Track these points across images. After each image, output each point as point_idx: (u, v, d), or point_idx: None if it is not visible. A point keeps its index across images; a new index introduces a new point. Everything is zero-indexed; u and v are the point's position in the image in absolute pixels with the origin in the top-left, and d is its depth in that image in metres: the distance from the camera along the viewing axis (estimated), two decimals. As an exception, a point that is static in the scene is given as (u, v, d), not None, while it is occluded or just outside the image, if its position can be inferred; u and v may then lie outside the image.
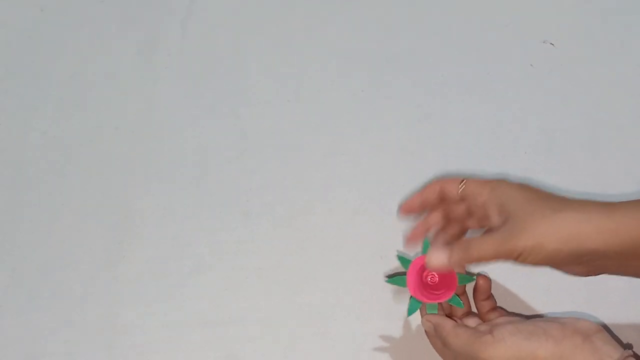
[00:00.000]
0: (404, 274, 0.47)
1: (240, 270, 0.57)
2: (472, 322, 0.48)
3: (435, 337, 0.46)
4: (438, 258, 0.43)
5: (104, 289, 0.56)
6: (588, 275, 0.43)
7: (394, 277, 0.49)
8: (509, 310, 0.51)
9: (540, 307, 0.53)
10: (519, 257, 0.40)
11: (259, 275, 0.56)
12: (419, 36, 0.69)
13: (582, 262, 0.41)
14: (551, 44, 0.67)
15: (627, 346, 0.40)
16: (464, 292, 0.50)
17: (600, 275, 0.44)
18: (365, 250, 0.57)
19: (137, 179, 0.62)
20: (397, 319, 0.54)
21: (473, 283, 0.48)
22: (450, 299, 0.46)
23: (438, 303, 0.47)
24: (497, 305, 0.49)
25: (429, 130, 0.63)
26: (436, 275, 0.46)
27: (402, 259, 0.48)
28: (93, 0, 0.74)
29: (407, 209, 0.49)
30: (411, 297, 0.47)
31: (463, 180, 0.46)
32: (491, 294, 0.48)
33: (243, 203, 0.60)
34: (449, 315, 0.49)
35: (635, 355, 0.39)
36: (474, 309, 0.50)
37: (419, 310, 0.49)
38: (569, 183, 0.59)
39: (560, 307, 0.53)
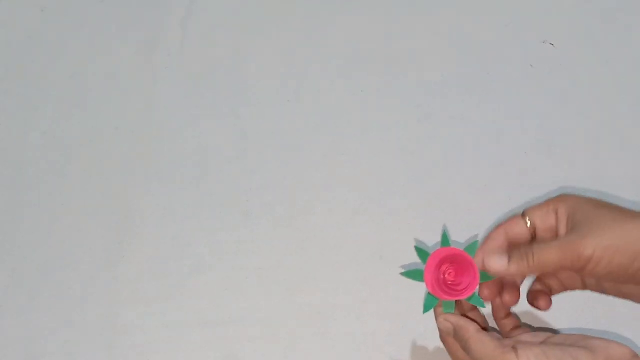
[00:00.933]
0: (421, 267, 0.43)
1: (240, 270, 0.56)
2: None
3: (454, 340, 0.42)
4: (497, 264, 0.39)
5: (104, 289, 0.56)
6: None
7: (410, 271, 0.44)
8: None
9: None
10: (588, 264, 0.36)
11: (259, 275, 0.56)
12: (419, 36, 0.69)
13: None
14: (551, 44, 0.67)
15: None
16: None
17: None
18: (365, 250, 0.57)
19: (137, 179, 0.62)
20: (397, 319, 0.53)
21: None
22: (470, 296, 0.42)
23: (455, 302, 0.43)
24: (521, 323, 0.45)
25: (429, 130, 0.63)
26: (454, 271, 0.42)
27: (420, 251, 0.44)
28: (93, 0, 0.74)
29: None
30: (427, 293, 0.43)
31: (524, 214, 0.42)
32: (511, 312, 0.44)
33: (243, 203, 0.60)
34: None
35: None
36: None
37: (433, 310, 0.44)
38: (569, 183, 0.59)
39: (558, 310, 0.53)
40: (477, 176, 0.60)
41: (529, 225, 0.41)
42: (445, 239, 0.44)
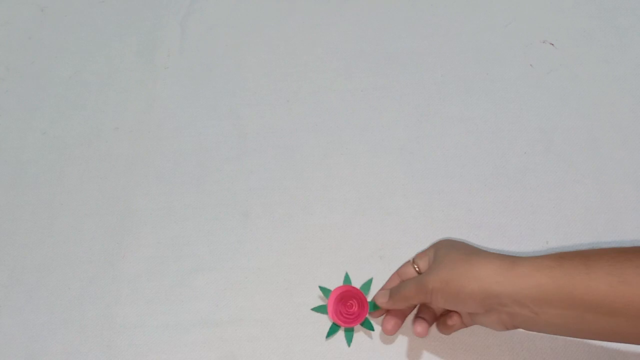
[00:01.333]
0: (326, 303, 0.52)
1: (240, 270, 0.56)
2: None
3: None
4: (381, 299, 0.50)
5: (103, 288, 0.56)
6: (506, 329, 0.44)
7: (318, 307, 0.53)
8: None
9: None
10: (431, 295, 0.44)
11: (259, 275, 0.56)
12: (419, 36, 0.69)
13: (491, 309, 0.43)
14: (551, 44, 0.67)
15: None
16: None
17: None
18: (365, 250, 0.57)
19: (137, 179, 0.62)
20: (397, 319, 0.53)
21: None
22: (363, 322, 0.51)
23: (370, 324, 0.52)
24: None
25: (429, 130, 0.63)
26: (348, 304, 0.51)
27: (323, 290, 0.53)
28: (93, 0, 0.74)
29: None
30: (332, 322, 0.52)
31: (413, 260, 0.51)
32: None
33: (243, 203, 0.60)
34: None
35: None
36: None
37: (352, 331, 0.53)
38: (568, 183, 0.59)
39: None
40: (477, 176, 0.60)
41: (416, 268, 0.50)
42: (347, 279, 0.54)
